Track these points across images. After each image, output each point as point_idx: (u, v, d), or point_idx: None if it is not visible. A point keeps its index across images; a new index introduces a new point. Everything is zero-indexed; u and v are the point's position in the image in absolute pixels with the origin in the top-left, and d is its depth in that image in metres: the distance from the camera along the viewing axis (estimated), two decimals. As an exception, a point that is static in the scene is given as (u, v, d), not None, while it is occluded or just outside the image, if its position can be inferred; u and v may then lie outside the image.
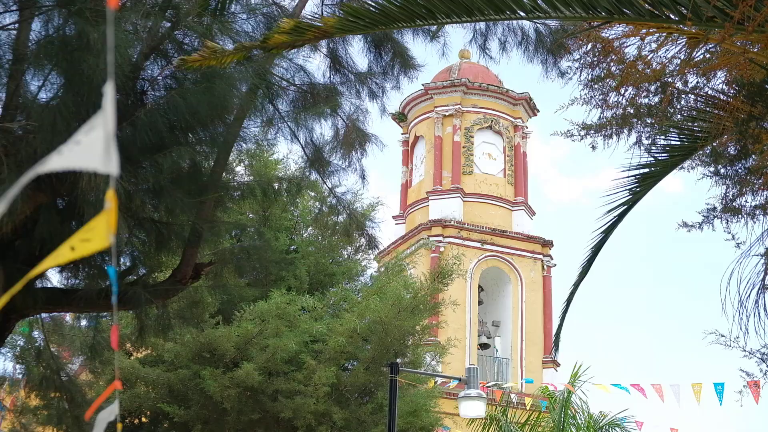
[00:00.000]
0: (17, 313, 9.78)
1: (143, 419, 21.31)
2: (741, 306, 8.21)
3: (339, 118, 11.83)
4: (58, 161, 1.78)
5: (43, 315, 11.71)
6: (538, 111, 40.81)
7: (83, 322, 12.92)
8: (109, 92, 1.83)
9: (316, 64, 11.75)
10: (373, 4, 7.07)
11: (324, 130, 11.83)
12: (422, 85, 38.69)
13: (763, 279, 8.26)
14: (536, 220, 40.10)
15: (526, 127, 40.59)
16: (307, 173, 12.33)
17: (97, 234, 1.88)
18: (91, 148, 1.81)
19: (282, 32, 6.76)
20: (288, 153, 21.48)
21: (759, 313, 8.28)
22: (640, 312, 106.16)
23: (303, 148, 11.72)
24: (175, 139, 9.07)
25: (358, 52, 11.80)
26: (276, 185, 12.49)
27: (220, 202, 10.61)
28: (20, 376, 13.51)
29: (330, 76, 11.59)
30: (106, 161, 1.79)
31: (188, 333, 18.70)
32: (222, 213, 11.30)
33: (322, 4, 11.64)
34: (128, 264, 10.51)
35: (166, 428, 20.64)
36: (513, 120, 39.96)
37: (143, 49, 9.16)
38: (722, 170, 9.21)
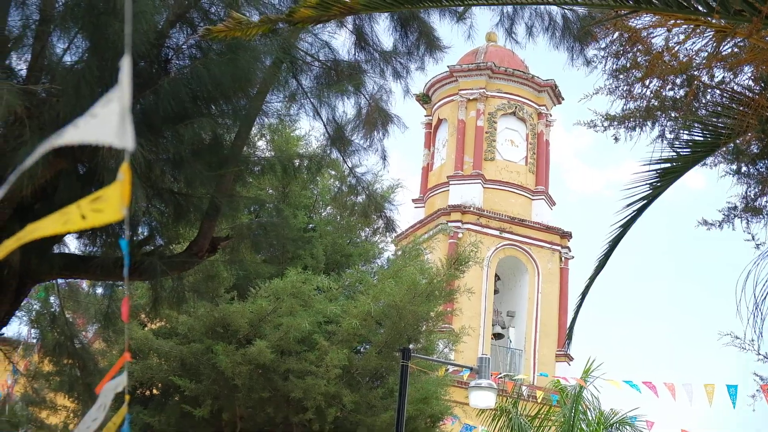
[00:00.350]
0: (33, 278, 9.87)
1: (154, 391, 21.45)
2: (756, 309, 8.22)
3: (362, 96, 11.84)
4: (74, 134, 1.81)
5: (60, 281, 11.81)
6: (563, 99, 40.64)
7: (99, 290, 12.98)
8: (126, 67, 1.88)
9: (341, 40, 11.77)
10: (400, -18, 7.11)
11: (347, 108, 11.85)
12: (447, 67, 38.56)
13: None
14: (556, 210, 40.03)
15: (550, 115, 40.44)
16: (328, 151, 12.34)
17: (110, 205, 1.92)
18: (107, 122, 1.84)
19: (308, 6, 6.80)
20: (310, 130, 21.51)
21: (773, 320, 8.29)
22: (657, 308, 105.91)
23: (325, 125, 11.74)
24: (198, 110, 9.12)
25: (384, 30, 11.80)
26: (296, 162, 12.52)
27: (239, 177, 10.65)
28: (34, 340, 13.64)
29: (355, 54, 11.59)
30: (121, 136, 1.83)
31: (202, 307, 18.79)
32: (241, 187, 11.35)
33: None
34: (145, 234, 10.57)
35: (177, 401, 20.77)
36: (537, 107, 39.81)
37: (169, 17, 9.20)
38: (744, 168, 9.22)
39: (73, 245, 10.72)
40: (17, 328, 13.82)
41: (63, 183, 8.97)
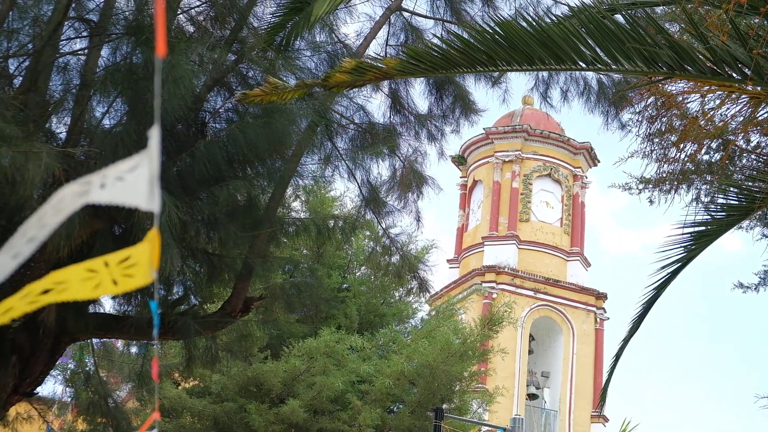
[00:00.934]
0: (69, 337, 9.90)
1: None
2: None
3: (397, 158, 11.88)
4: (100, 195, 1.82)
5: (95, 340, 11.84)
6: (599, 161, 40.56)
7: (133, 350, 13.02)
8: (155, 135, 1.88)
9: (376, 103, 11.86)
10: (435, 47, 7.13)
11: (381, 170, 11.89)
12: (483, 129, 38.65)
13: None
14: (591, 271, 39.80)
15: (586, 177, 40.36)
16: (363, 212, 12.36)
17: (140, 269, 1.91)
18: (135, 187, 1.84)
19: (344, 71, 6.83)
20: (345, 191, 21.60)
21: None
22: (693, 370, 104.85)
23: (359, 187, 11.77)
24: (233, 172, 9.17)
25: (419, 94, 11.87)
26: (331, 223, 12.52)
27: (273, 237, 10.67)
28: (69, 399, 13.62)
29: (390, 117, 11.66)
30: (149, 199, 1.83)
31: (236, 366, 18.80)
32: (275, 248, 11.37)
33: (386, 45, 11.75)
34: (180, 293, 10.59)
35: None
36: (573, 169, 39.77)
37: (207, 81, 9.28)
38: (780, 231, 9.14)
39: (108, 305, 10.76)
40: (52, 387, 13.85)
41: (99, 243, 9.01)
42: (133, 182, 1.85)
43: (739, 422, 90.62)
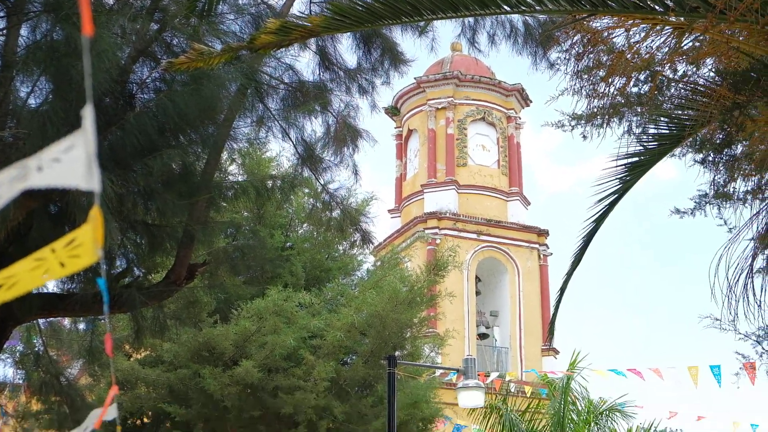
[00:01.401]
0: (14, 320, 9.78)
1: (145, 420, 21.34)
2: (730, 290, 8.22)
3: (329, 114, 11.82)
4: (38, 178, 1.77)
5: (41, 320, 11.72)
6: (531, 101, 40.74)
7: (81, 326, 12.90)
8: (89, 114, 1.82)
9: (305, 61, 11.74)
10: (359, 2, 7.06)
11: (315, 127, 11.83)
12: (414, 78, 38.65)
13: (752, 263, 8.26)
14: (531, 210, 40.11)
15: (519, 118, 40.55)
16: (300, 170, 12.31)
17: (85, 249, 1.88)
18: (73, 167, 1.80)
19: (269, 32, 6.74)
20: (280, 151, 21.47)
21: (748, 298, 8.29)
22: (638, 297, 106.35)
23: (294, 145, 11.71)
24: (166, 142, 9.06)
25: (347, 49, 11.79)
26: (269, 183, 12.46)
27: (213, 203, 10.59)
28: (20, 381, 13.51)
29: (319, 74, 11.58)
30: (88, 179, 1.79)
31: (186, 333, 18.73)
32: (215, 213, 11.28)
33: (310, 3, 11.62)
34: (122, 267, 10.49)
35: (168, 428, 20.67)
36: (506, 111, 39.93)
37: (131, 52, 9.14)
38: (711, 157, 9.22)
39: (51, 284, 10.63)
40: (2, 370, 13.71)
41: (36, 223, 8.88)
42: (70, 163, 1.81)
43: (687, 343, 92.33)
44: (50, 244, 1.94)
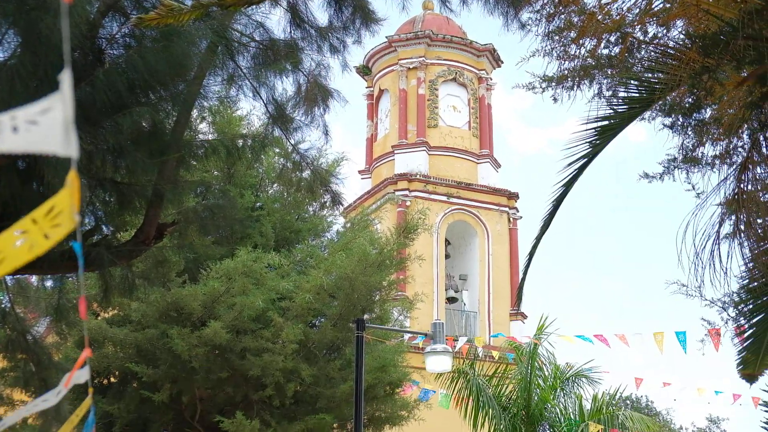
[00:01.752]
0: (-20, 276, 9.80)
1: (112, 379, 21.41)
2: (697, 257, 8.34)
3: (300, 74, 11.83)
4: (14, 141, 1.80)
5: (7, 277, 11.71)
6: (502, 62, 40.70)
7: (48, 284, 12.89)
8: (66, 77, 1.87)
9: (276, 19, 11.72)
10: (330, -41, 7.09)
11: (286, 86, 11.82)
12: (386, 38, 38.51)
13: (719, 229, 8.38)
14: (502, 172, 40.19)
15: (491, 79, 40.52)
16: (271, 130, 12.32)
17: (65, 216, 1.92)
18: (50, 131, 1.83)
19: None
20: (251, 110, 21.46)
21: (714, 264, 8.40)
22: (608, 262, 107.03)
23: (265, 104, 11.71)
24: (135, 99, 9.05)
25: (318, 6, 11.77)
26: (240, 142, 12.46)
27: (182, 161, 10.60)
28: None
29: (290, 32, 11.56)
30: (65, 145, 1.82)
31: (154, 293, 18.75)
32: (185, 172, 11.29)
33: (282, -41, 11.61)
34: (91, 224, 10.50)
35: (135, 388, 20.73)
36: (477, 72, 39.89)
37: (100, 7, 9.11)
38: (680, 121, 9.32)
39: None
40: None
41: (3, 179, 8.88)
42: (47, 127, 1.83)
43: (655, 309, 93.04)
44: (30, 213, 1.97)
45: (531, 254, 10.92)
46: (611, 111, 9.03)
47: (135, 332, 19.98)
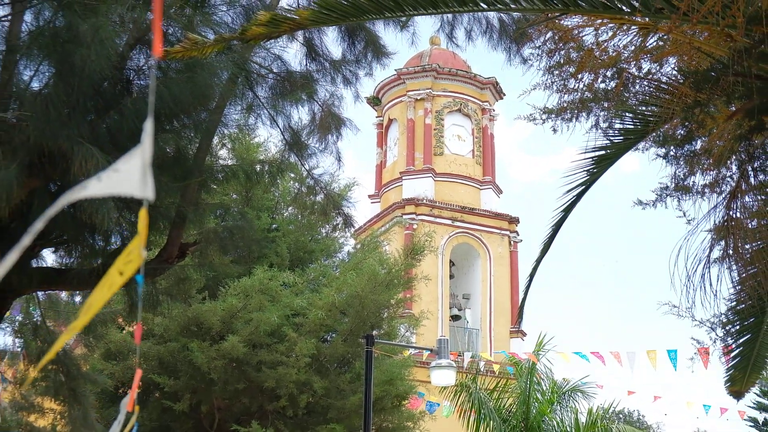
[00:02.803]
0: (14, 293, 9.79)
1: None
2: (688, 279, 8.30)
3: (315, 103, 11.83)
4: (98, 186, 1.83)
5: (39, 293, 11.72)
6: (504, 95, 40.75)
7: (77, 299, 12.90)
8: (149, 127, 1.88)
9: (292, 52, 11.76)
10: (345, -3, 7.10)
11: (301, 115, 11.82)
12: (395, 70, 38.57)
13: (709, 254, 8.35)
14: (503, 198, 40.15)
15: (493, 110, 40.55)
16: (287, 156, 12.32)
17: (135, 254, 1.94)
18: (130, 176, 1.85)
19: (259, 24, 6.78)
20: (268, 137, 21.54)
21: (705, 287, 8.37)
22: (604, 283, 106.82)
23: (282, 132, 11.72)
24: (161, 126, 9.07)
25: (332, 41, 11.80)
26: (257, 167, 12.47)
27: (204, 185, 10.60)
28: (19, 349, 13.49)
29: (306, 64, 11.58)
30: (142, 187, 1.85)
31: (176, 308, 18.74)
32: (206, 195, 11.28)
33: (299, -3, 11.64)
34: (118, 244, 10.49)
35: (157, 397, 20.70)
36: (481, 103, 39.92)
37: (129, 40, 9.14)
38: (672, 151, 9.30)
39: (50, 259, 10.63)
40: (2, 339, 13.68)
41: (37, 201, 8.88)
42: (126, 172, 1.85)
43: (647, 328, 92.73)
44: (114, 265, 1.99)
45: (531, 275, 10.89)
46: (608, 141, 9.01)
47: (158, 345, 19.97)
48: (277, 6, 10.41)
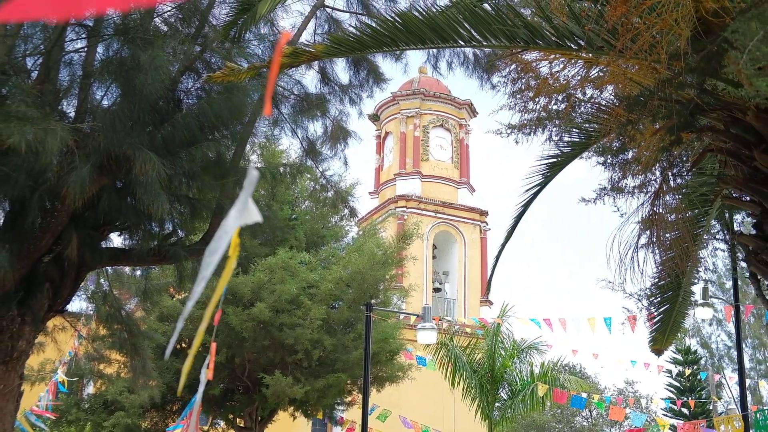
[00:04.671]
0: (88, 267, 9.79)
1: (183, 344, 21.37)
2: (621, 262, 8.31)
3: (327, 119, 11.80)
4: (236, 219, 2.13)
5: (108, 268, 11.69)
6: (478, 113, 40.82)
7: (138, 273, 12.86)
8: (253, 178, 2.10)
9: (310, 78, 11.73)
10: (351, 34, 7.09)
11: (316, 128, 11.79)
12: (391, 93, 38.61)
13: (637, 241, 8.36)
14: (476, 195, 40.16)
15: (469, 126, 40.56)
16: (304, 160, 12.28)
17: (233, 250, 2.15)
18: (250, 212, 2.12)
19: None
20: (290, 145, 21.56)
21: (633, 267, 8.38)
22: (559, 262, 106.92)
23: (300, 141, 11.69)
24: (204, 136, 9.06)
25: (341, 69, 11.80)
26: (281, 169, 12.45)
27: (238, 183, 10.54)
28: (92, 312, 13.49)
29: (320, 88, 11.56)
30: (254, 216, 2.13)
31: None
32: (240, 190, 11.27)
33: (315, 33, 11.61)
34: (170, 229, 10.48)
35: (200, 351, 20.70)
36: (458, 120, 39.95)
37: (180, 68, 9.12)
38: (609, 160, 9.29)
39: (117, 241, 10.61)
40: (79, 304, 13.66)
41: (105, 195, 8.88)
42: (248, 210, 2.08)
43: (590, 299, 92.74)
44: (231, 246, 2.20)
45: (497, 257, 10.90)
46: (558, 151, 9.02)
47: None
48: (298, 41, 10.39)
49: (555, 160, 9.01)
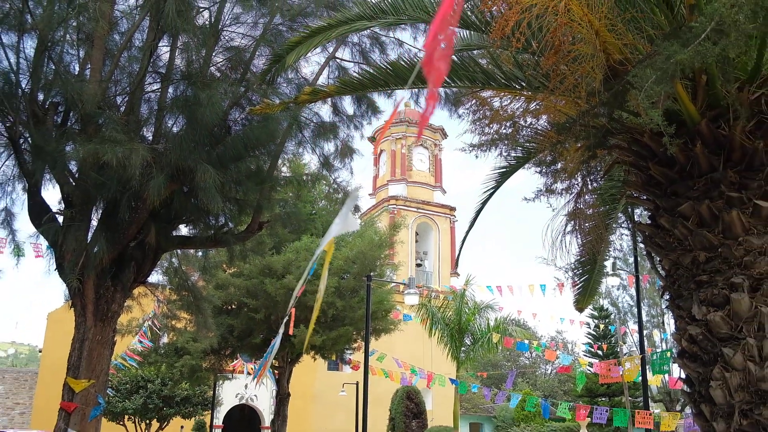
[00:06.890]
0: (163, 249, 9.78)
1: (233, 306, 21.38)
2: (553, 244, 8.32)
3: (338, 140, 11.80)
4: (336, 227, 2.11)
5: (178, 250, 11.69)
6: (447, 135, 40.89)
7: (199, 254, 12.83)
8: (351, 201, 2.23)
9: (325, 110, 11.70)
10: (354, 78, 7.08)
11: (329, 147, 11.79)
12: (384, 120, 38.59)
13: (564, 229, 8.37)
14: (447, 195, 40.25)
15: (441, 145, 40.64)
16: (321, 171, 12.28)
17: (329, 246, 2.26)
18: (350, 222, 2.14)
19: (305, 94, 6.77)
20: (310, 159, 21.37)
21: (563, 248, 8.39)
22: (509, 244, 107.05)
23: (318, 157, 11.69)
24: (247, 153, 9.06)
25: (348, 103, 11.75)
26: (304, 178, 12.43)
27: (273, 188, 10.57)
28: (166, 283, 13.48)
29: (332, 117, 11.55)
30: (353, 225, 2.17)
31: (256, 259, 18.70)
32: (274, 194, 11.25)
33: (328, 77, 11.59)
34: (222, 221, 10.47)
35: (245, 311, 20.72)
36: (434, 140, 40.01)
37: (229, 103, 9.12)
38: (544, 169, 9.29)
39: (184, 230, 10.59)
40: (156, 277, 13.65)
41: (176, 197, 8.88)
42: (349, 221, 2.12)
43: (530, 271, 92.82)
44: (327, 244, 2.31)
45: (463, 241, 10.89)
46: (507, 163, 9.02)
47: (246, 281, 19.96)
48: (316, 83, 10.38)
49: (504, 169, 9.00)
